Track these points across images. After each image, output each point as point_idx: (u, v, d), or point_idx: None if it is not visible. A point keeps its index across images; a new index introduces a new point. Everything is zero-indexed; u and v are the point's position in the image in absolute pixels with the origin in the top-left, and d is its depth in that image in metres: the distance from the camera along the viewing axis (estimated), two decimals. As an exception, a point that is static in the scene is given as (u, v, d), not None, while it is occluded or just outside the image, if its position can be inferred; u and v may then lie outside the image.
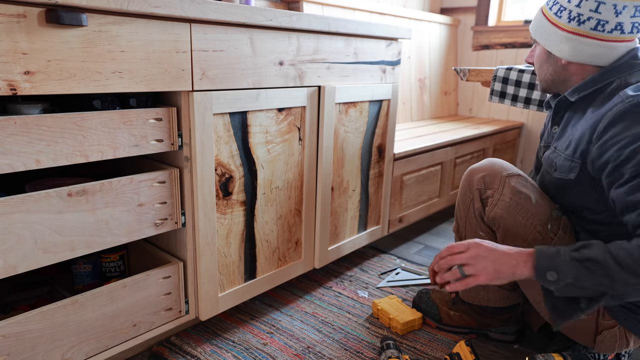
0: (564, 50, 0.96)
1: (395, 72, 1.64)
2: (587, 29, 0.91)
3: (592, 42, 0.92)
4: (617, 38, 0.91)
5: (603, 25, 0.90)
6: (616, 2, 0.88)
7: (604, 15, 0.89)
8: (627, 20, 0.90)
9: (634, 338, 1.02)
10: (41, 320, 0.90)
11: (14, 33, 0.76)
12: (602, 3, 0.89)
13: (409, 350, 1.25)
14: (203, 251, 1.14)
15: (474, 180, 1.15)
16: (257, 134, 1.21)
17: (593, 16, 0.90)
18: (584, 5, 0.91)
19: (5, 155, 0.79)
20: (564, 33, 0.94)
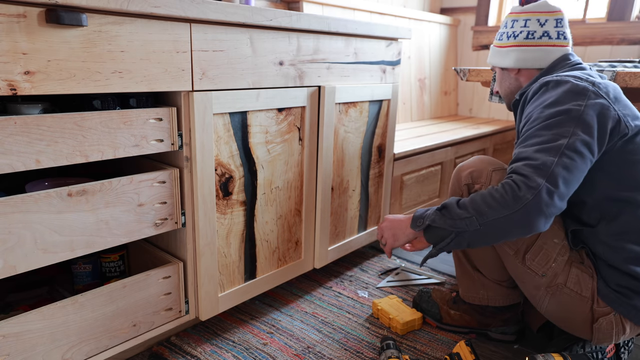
0: (510, 60, 1.16)
1: (395, 72, 1.64)
2: (520, 39, 1.13)
3: (528, 49, 1.13)
4: (547, 43, 1.11)
5: (532, 34, 1.12)
6: (539, 17, 1.11)
7: (532, 28, 1.12)
8: (552, 29, 1.11)
9: (630, 324, 1.02)
10: (41, 320, 0.90)
11: (14, 33, 0.76)
12: (528, 20, 1.12)
13: (409, 350, 1.25)
14: (203, 251, 1.14)
15: (462, 176, 1.19)
16: (257, 134, 1.21)
17: (523, 30, 1.13)
18: (516, 25, 1.14)
19: (5, 155, 0.79)
20: (506, 49, 1.17)
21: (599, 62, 1.62)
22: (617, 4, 2.39)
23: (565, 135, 0.92)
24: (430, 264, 1.77)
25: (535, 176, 0.90)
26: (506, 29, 1.17)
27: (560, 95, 0.97)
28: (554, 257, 1.05)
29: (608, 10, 2.44)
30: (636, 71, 1.28)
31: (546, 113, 0.96)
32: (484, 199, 0.94)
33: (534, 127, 0.97)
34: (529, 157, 0.93)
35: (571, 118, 0.93)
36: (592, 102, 0.94)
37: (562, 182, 0.90)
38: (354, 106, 1.49)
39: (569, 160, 0.91)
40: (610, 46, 2.42)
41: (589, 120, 0.93)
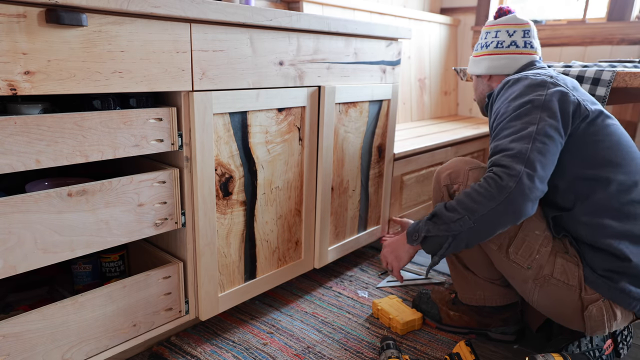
0: (482, 68, 1.28)
1: (395, 72, 1.64)
2: (491, 48, 1.26)
3: (497, 57, 1.25)
4: (514, 51, 1.22)
5: (501, 44, 1.24)
6: (508, 29, 1.23)
7: (501, 38, 1.24)
8: (519, 39, 1.22)
9: (620, 310, 1.03)
10: (41, 320, 0.90)
11: (14, 33, 0.76)
12: (499, 31, 1.24)
13: (409, 350, 1.25)
14: (203, 251, 1.14)
15: (441, 178, 1.25)
16: (257, 134, 1.21)
17: (494, 40, 1.25)
18: (488, 37, 1.27)
19: (5, 155, 0.79)
20: (480, 58, 1.29)
21: (599, 62, 1.62)
22: (617, 4, 2.39)
23: (533, 122, 1.00)
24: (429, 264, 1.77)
25: (514, 164, 0.96)
26: (480, 41, 1.30)
27: (522, 89, 1.07)
28: (537, 249, 1.07)
29: (608, 10, 2.44)
30: (636, 71, 1.28)
31: (513, 106, 1.05)
32: (471, 197, 1.00)
33: (504, 120, 1.06)
34: (505, 148, 1.00)
35: (536, 106, 1.02)
36: (552, 90, 1.03)
37: (539, 165, 0.97)
38: (354, 106, 1.49)
39: (541, 145, 0.98)
40: (610, 46, 2.42)
41: (552, 106, 1.01)
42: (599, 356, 1.12)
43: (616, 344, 1.15)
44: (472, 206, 0.98)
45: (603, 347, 1.13)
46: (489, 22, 1.28)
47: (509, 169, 0.96)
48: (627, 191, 1.01)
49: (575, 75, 1.37)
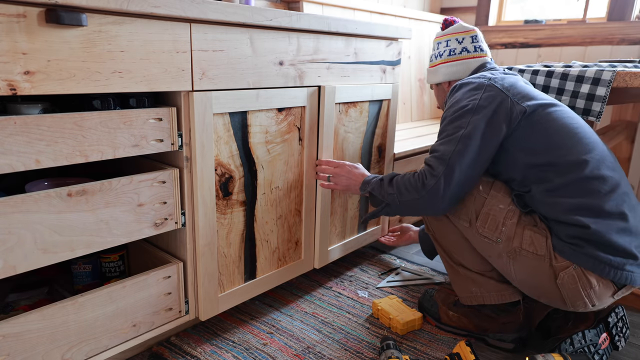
0: (440, 76, 1.37)
1: (395, 72, 1.64)
2: (445, 57, 1.35)
3: (451, 63, 1.34)
4: (467, 56, 1.32)
5: (453, 51, 1.33)
6: (457, 37, 1.33)
7: (452, 46, 1.34)
8: (469, 45, 1.32)
9: (595, 277, 1.05)
10: (41, 320, 0.90)
11: (14, 33, 0.76)
12: (449, 40, 1.34)
13: (409, 350, 1.25)
14: (203, 251, 1.14)
15: None
16: (257, 134, 1.21)
17: (446, 49, 1.35)
18: (440, 47, 1.37)
19: (5, 155, 0.79)
20: (436, 67, 1.38)
21: (599, 62, 1.62)
22: (617, 4, 2.39)
23: (463, 126, 1.12)
24: (430, 264, 1.77)
25: (437, 165, 1.12)
26: (434, 52, 1.39)
27: (461, 95, 1.17)
28: (502, 221, 1.13)
29: (608, 10, 2.44)
30: (636, 71, 1.28)
31: (451, 111, 1.16)
32: (404, 183, 1.18)
33: (443, 124, 1.18)
34: (434, 150, 1.15)
35: (467, 111, 1.13)
36: (486, 94, 1.13)
37: (458, 168, 1.10)
38: (354, 106, 1.49)
39: (463, 147, 1.10)
40: (610, 46, 2.42)
41: (482, 110, 1.11)
42: (594, 351, 1.12)
43: (612, 337, 1.15)
44: (402, 190, 1.17)
45: (598, 342, 1.12)
46: (439, 34, 1.37)
47: (432, 169, 1.13)
48: (577, 170, 1.07)
49: (576, 75, 1.37)
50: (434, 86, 1.44)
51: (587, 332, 1.12)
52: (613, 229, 1.03)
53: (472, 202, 1.16)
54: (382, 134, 1.65)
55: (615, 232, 1.03)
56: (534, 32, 2.64)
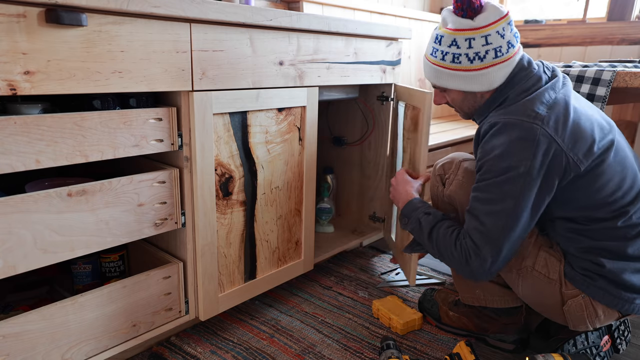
0: (483, 84, 1.05)
1: (395, 72, 1.64)
2: (489, 59, 1.02)
3: (499, 66, 1.03)
4: (512, 53, 1.03)
5: (499, 50, 1.01)
6: (497, 29, 1.00)
7: (496, 43, 1.01)
8: (511, 37, 1.02)
9: (602, 307, 1.04)
10: (41, 320, 0.90)
11: (14, 33, 0.76)
12: (488, 35, 1.00)
13: (409, 350, 1.25)
14: (203, 251, 1.14)
15: (436, 168, 1.29)
16: (257, 134, 1.21)
17: (488, 48, 1.01)
18: (476, 45, 1.01)
19: (5, 155, 0.79)
20: (478, 72, 1.04)
21: (599, 62, 1.62)
22: (617, 4, 2.39)
23: (512, 195, 0.96)
24: (430, 264, 1.77)
25: (483, 244, 1.00)
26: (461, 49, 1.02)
27: (509, 146, 0.96)
28: None
29: (608, 10, 2.44)
30: (636, 71, 1.28)
31: (497, 168, 0.98)
32: (446, 247, 1.07)
33: (487, 180, 1.00)
34: (479, 219, 1.01)
35: (519, 175, 0.96)
36: (540, 149, 0.94)
37: (506, 246, 0.99)
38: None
39: (514, 223, 0.98)
40: (610, 46, 2.42)
41: (536, 171, 0.95)
42: (596, 353, 1.12)
43: (614, 340, 1.15)
44: (443, 253, 1.08)
45: (600, 344, 1.12)
46: (465, 25, 1.01)
47: (478, 249, 1.00)
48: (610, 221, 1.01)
49: (576, 75, 1.37)
50: (458, 93, 1.11)
51: (590, 334, 1.12)
52: (629, 269, 1.00)
53: None
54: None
55: (631, 272, 1.01)
56: (534, 32, 2.64)
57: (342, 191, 1.94)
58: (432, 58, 1.10)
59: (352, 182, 1.89)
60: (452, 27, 1.04)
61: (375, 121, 1.74)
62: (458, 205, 1.19)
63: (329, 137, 1.92)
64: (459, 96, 1.12)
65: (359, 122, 1.80)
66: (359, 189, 1.87)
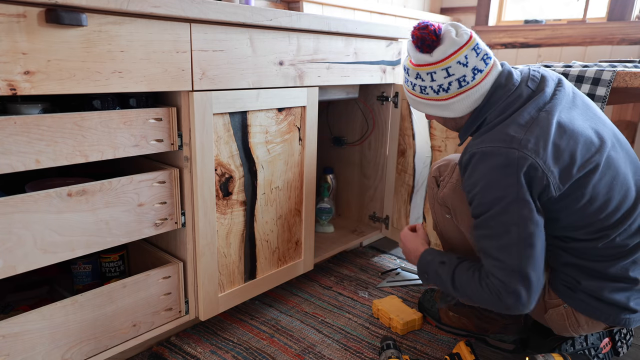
0: (455, 111, 1.05)
1: (395, 72, 1.64)
2: (454, 89, 1.01)
3: (467, 94, 1.01)
4: (482, 78, 1.00)
5: (464, 79, 1.00)
6: (458, 59, 0.98)
7: (458, 74, 0.99)
8: (477, 60, 0.99)
9: (585, 318, 1.03)
10: (41, 320, 0.90)
11: (14, 33, 0.76)
12: (448, 67, 0.99)
13: (409, 350, 1.25)
14: (203, 251, 1.14)
15: (432, 170, 1.28)
16: (257, 134, 1.21)
17: (451, 80, 1.00)
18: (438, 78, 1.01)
19: (5, 155, 0.79)
20: (446, 102, 1.04)
21: (599, 62, 1.61)
22: (617, 4, 2.39)
23: (512, 222, 0.92)
24: (430, 264, 1.76)
25: (510, 280, 0.93)
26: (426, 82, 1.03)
27: (491, 175, 0.94)
28: None
29: (608, 10, 2.44)
30: (636, 71, 1.28)
31: (486, 201, 0.95)
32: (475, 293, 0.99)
33: (482, 215, 0.97)
34: (494, 257, 0.95)
35: (510, 202, 0.92)
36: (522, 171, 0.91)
37: (532, 272, 0.93)
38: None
39: (530, 249, 0.92)
40: (610, 46, 2.42)
41: (526, 197, 0.92)
42: (595, 355, 1.12)
43: (614, 343, 1.15)
44: (474, 299, 1.00)
45: (599, 346, 1.12)
46: (424, 61, 1.00)
47: (506, 286, 0.93)
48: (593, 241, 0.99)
49: (576, 75, 1.37)
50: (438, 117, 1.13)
51: (589, 336, 1.12)
52: (607, 289, 0.99)
53: None
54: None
55: (610, 291, 0.99)
56: (534, 32, 2.64)
57: (342, 191, 1.94)
58: (405, 86, 1.12)
59: (352, 182, 1.89)
60: (414, 61, 1.04)
61: (375, 121, 1.74)
62: (451, 208, 1.18)
63: (329, 137, 1.92)
64: (440, 119, 1.13)
65: (359, 122, 1.80)
66: (359, 189, 1.87)
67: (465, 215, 1.14)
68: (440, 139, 1.52)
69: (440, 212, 1.24)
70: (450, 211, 1.21)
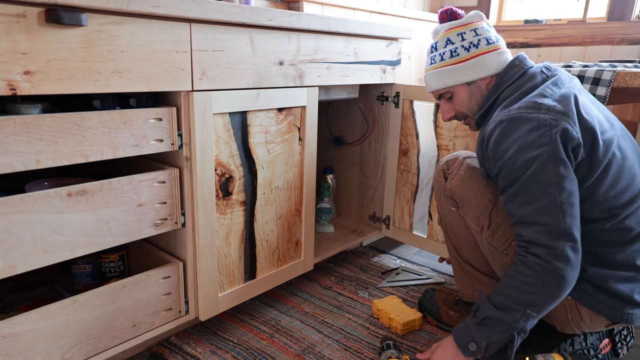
0: (482, 70, 1.10)
1: (395, 72, 1.64)
2: (483, 46, 1.09)
3: (497, 52, 1.10)
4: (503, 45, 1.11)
5: (490, 39, 1.10)
6: (483, 25, 1.11)
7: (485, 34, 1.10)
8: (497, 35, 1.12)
9: (587, 312, 1.02)
10: (41, 320, 0.90)
11: (14, 33, 0.76)
12: (476, 28, 1.10)
13: (409, 350, 1.25)
14: (203, 251, 1.14)
15: (440, 164, 1.29)
16: (257, 134, 1.21)
17: (480, 37, 1.10)
18: (468, 36, 1.10)
19: (5, 155, 0.79)
20: (472, 60, 1.10)
21: (600, 62, 1.61)
22: (617, 3, 2.39)
23: (551, 182, 0.91)
24: (430, 264, 1.76)
25: (555, 242, 0.90)
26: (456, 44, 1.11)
27: (524, 139, 0.94)
28: (513, 236, 1.07)
29: (608, 10, 2.44)
30: (636, 71, 1.28)
31: (519, 163, 0.94)
32: (521, 288, 0.93)
33: (516, 182, 0.95)
34: (534, 222, 0.93)
35: (546, 160, 0.92)
36: (554, 131, 0.92)
37: (575, 230, 0.91)
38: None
39: (569, 207, 0.91)
40: (610, 46, 2.42)
41: (562, 156, 0.92)
42: (594, 355, 1.12)
43: (614, 344, 1.15)
44: (529, 298, 0.93)
45: (599, 346, 1.12)
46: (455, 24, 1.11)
47: (551, 249, 0.90)
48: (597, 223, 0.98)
49: (576, 75, 1.37)
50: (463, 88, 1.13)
51: (589, 336, 1.12)
52: (613, 278, 0.98)
53: (488, 207, 1.11)
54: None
55: (615, 281, 0.98)
56: (534, 32, 2.64)
57: (342, 191, 1.94)
58: (431, 67, 1.16)
59: (352, 182, 1.89)
60: (445, 29, 1.13)
61: (375, 121, 1.74)
62: (458, 200, 1.19)
63: (329, 137, 1.92)
64: (465, 94, 1.14)
65: (359, 122, 1.80)
66: (359, 189, 1.87)
67: (471, 207, 1.14)
68: (448, 138, 1.52)
69: (446, 205, 1.24)
70: (456, 204, 1.21)
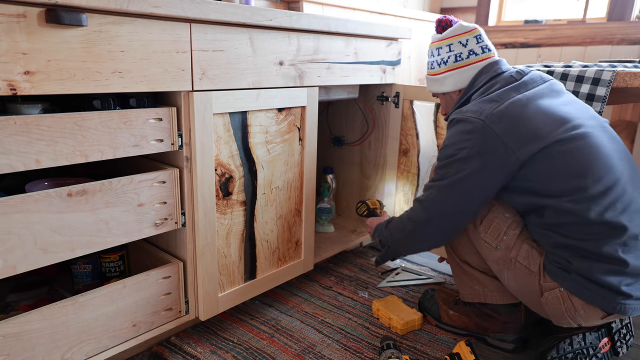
0: (447, 86, 1.25)
1: (395, 72, 1.64)
2: (450, 63, 1.22)
3: (460, 70, 1.21)
4: (475, 60, 1.20)
5: (459, 56, 1.21)
6: (460, 39, 1.20)
7: (457, 50, 1.21)
8: (475, 46, 1.20)
9: (581, 303, 1.03)
10: (41, 320, 0.90)
11: (14, 33, 0.76)
12: (451, 44, 1.21)
13: (409, 350, 1.25)
14: (203, 251, 1.14)
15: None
16: (257, 134, 1.21)
17: (450, 55, 1.22)
18: (443, 53, 1.23)
19: (5, 155, 0.79)
20: (441, 76, 1.25)
21: (599, 62, 1.62)
22: (617, 3, 2.39)
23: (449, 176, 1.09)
24: (430, 264, 1.77)
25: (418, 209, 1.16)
26: (434, 58, 1.26)
27: (454, 137, 1.10)
28: (505, 230, 1.12)
29: (608, 10, 2.44)
30: (636, 71, 1.28)
31: (443, 155, 1.13)
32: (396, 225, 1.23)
33: (439, 163, 1.14)
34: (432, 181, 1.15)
35: (456, 160, 1.08)
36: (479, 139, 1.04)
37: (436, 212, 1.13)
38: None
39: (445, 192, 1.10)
40: (610, 46, 2.42)
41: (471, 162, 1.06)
42: (593, 354, 1.11)
43: (614, 342, 1.15)
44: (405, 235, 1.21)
45: (598, 345, 1.12)
46: (437, 37, 1.24)
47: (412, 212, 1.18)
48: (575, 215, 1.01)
49: (576, 75, 1.37)
50: (440, 95, 1.31)
51: (587, 335, 1.12)
52: (598, 270, 1.00)
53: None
54: (382, 134, 1.65)
55: (601, 273, 1.00)
56: (534, 32, 2.64)
57: (342, 191, 1.94)
58: (427, 71, 1.32)
59: (352, 182, 1.89)
60: (431, 42, 1.28)
61: (375, 121, 1.74)
62: None
63: (329, 137, 1.92)
64: (443, 100, 1.30)
65: (359, 122, 1.81)
66: (359, 189, 1.87)
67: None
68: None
69: None
70: None
